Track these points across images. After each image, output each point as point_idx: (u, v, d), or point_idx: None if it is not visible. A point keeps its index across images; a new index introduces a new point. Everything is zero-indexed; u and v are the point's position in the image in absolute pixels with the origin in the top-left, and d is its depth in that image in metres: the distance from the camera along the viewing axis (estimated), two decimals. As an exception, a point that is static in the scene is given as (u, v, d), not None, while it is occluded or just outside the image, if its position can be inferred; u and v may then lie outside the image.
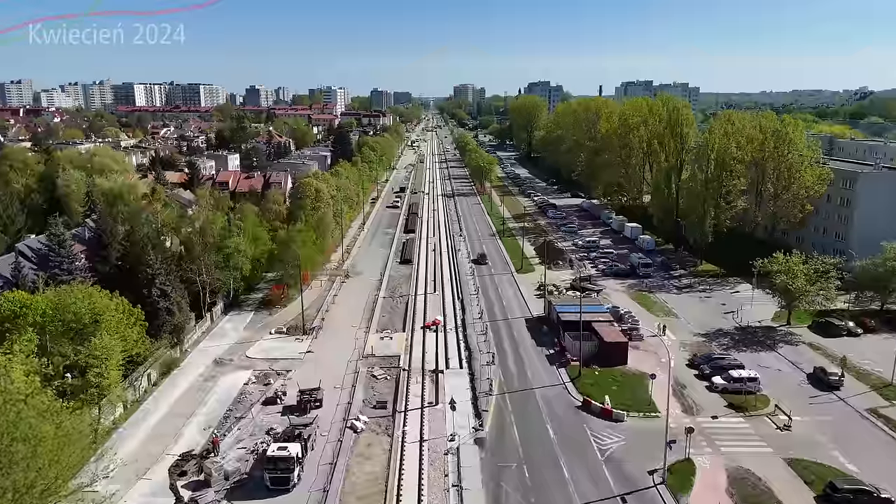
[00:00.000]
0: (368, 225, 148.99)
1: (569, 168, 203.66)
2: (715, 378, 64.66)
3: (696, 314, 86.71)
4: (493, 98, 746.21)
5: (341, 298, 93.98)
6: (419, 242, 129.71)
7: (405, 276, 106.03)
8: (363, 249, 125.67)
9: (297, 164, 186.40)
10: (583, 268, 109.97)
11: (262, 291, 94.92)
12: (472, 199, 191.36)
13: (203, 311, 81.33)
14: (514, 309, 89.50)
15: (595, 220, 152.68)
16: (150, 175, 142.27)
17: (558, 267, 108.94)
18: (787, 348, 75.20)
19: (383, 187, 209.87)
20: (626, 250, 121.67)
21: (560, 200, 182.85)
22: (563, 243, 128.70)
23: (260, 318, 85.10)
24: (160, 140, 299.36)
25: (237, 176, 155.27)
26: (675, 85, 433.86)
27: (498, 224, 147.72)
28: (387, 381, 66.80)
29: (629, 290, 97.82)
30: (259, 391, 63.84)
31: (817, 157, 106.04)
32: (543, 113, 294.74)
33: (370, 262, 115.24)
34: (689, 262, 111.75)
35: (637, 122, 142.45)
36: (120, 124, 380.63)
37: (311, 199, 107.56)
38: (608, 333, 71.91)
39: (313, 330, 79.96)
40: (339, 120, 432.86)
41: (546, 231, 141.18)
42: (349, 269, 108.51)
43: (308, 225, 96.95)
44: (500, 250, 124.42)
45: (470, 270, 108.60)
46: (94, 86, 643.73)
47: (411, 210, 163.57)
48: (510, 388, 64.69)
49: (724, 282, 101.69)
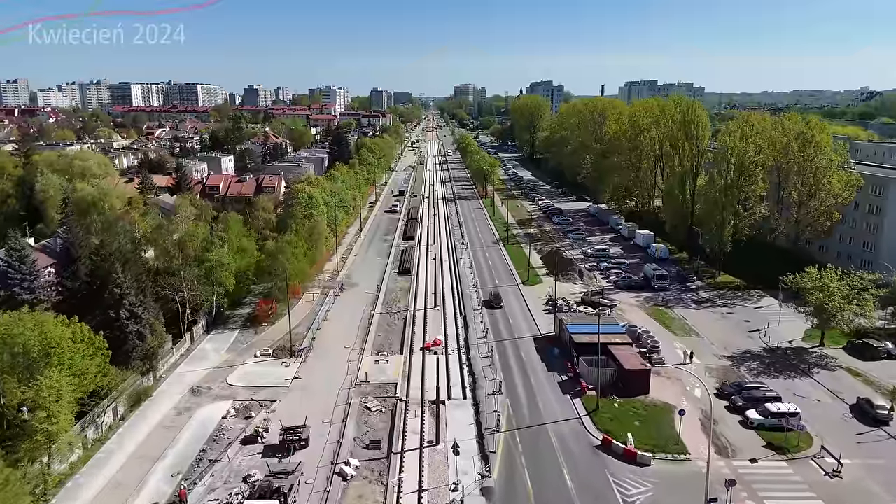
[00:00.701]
0: (366, 231, 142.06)
1: (574, 170, 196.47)
2: (749, 412, 57.71)
3: (718, 333, 79.78)
4: (493, 98, 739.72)
5: (334, 314, 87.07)
6: (419, 251, 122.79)
7: (404, 288, 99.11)
8: (359, 258, 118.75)
9: (293, 166, 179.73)
10: (594, 279, 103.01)
11: (249, 306, 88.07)
12: (473, 202, 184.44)
13: (182, 331, 74.49)
14: (521, 327, 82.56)
15: (603, 226, 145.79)
16: (137, 179, 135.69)
17: (567, 278, 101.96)
18: (823, 374, 68.25)
19: (382, 190, 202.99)
20: (638, 260, 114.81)
21: (565, 204, 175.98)
22: (571, 252, 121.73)
23: (245, 338, 78.16)
24: (154, 141, 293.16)
25: (228, 179, 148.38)
26: (679, 85, 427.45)
27: (501, 230, 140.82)
28: (382, 413, 59.87)
29: (644, 304, 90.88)
30: (238, 427, 56.89)
31: (845, 162, 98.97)
32: (546, 113, 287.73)
33: (366, 272, 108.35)
34: (706, 273, 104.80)
35: (647, 123, 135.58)
36: (115, 125, 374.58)
37: (304, 207, 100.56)
38: (627, 359, 64.95)
39: (302, 352, 73.01)
40: (337, 120, 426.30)
41: (552, 238, 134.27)
42: (343, 281, 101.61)
43: (298, 235, 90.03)
44: (504, 260, 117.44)
45: (473, 283, 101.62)
46: (91, 85, 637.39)
47: (410, 215, 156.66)
48: (520, 424, 57.73)
49: (745, 295, 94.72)
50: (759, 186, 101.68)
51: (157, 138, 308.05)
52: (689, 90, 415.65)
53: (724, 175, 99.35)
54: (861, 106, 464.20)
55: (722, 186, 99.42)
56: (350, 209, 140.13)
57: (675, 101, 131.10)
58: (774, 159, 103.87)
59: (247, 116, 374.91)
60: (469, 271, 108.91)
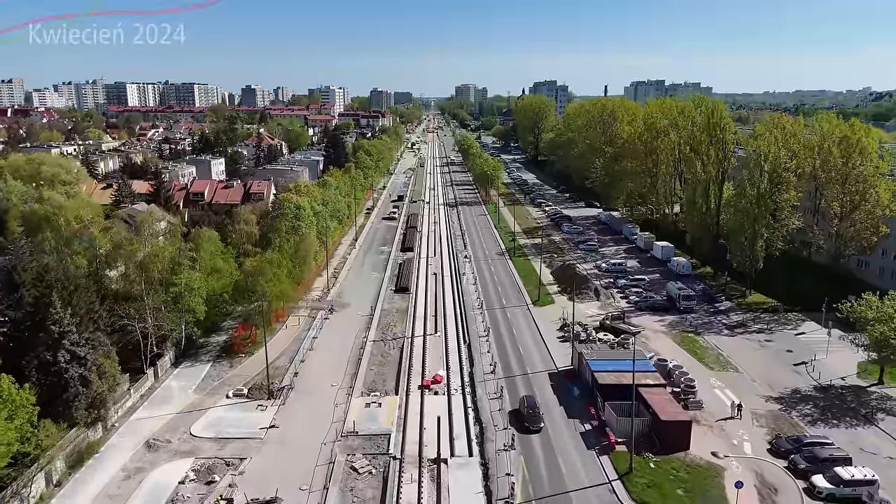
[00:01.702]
0: (361, 241, 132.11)
1: (582, 174, 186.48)
2: (816, 478, 47.75)
3: (759, 366, 69.86)
4: (495, 98, 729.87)
5: (322, 342, 77.16)
6: (418, 264, 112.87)
7: (401, 309, 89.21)
8: (353, 273, 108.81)
9: (285, 170, 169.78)
10: (611, 299, 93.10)
11: (226, 332, 78.28)
12: (476, 208, 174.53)
13: (144, 366, 64.68)
14: (533, 358, 72.63)
15: (616, 236, 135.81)
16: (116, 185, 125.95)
17: (582, 298, 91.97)
18: (889, 421, 58.32)
19: (380, 195, 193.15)
20: (657, 275, 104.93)
21: (574, 211, 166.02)
22: (584, 266, 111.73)
23: (218, 372, 68.24)
24: (146, 143, 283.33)
25: (214, 185, 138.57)
26: (686, 85, 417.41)
27: (507, 240, 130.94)
28: (371, 476, 49.94)
29: (671, 330, 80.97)
30: (197, 496, 47.01)
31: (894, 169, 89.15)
32: (551, 114, 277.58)
33: (360, 289, 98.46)
34: (734, 291, 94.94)
35: (665, 125, 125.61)
36: (108, 125, 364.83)
37: (290, 219, 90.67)
38: (663, 406, 55.04)
39: (281, 391, 63.15)
40: (336, 121, 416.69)
41: (563, 250, 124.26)
42: (334, 301, 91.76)
43: (282, 252, 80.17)
44: (511, 275, 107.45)
45: (478, 303, 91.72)
46: (86, 85, 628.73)
47: (409, 223, 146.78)
48: (538, 492, 47.80)
49: (782, 318, 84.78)
50: (792, 196, 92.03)
51: (149, 140, 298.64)
52: (696, 90, 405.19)
53: (757, 183, 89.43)
54: (872, 107, 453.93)
55: (754, 196, 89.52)
56: (344, 218, 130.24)
57: (695, 102, 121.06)
58: (811, 166, 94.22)
59: (242, 117, 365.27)
60: (473, 288, 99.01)
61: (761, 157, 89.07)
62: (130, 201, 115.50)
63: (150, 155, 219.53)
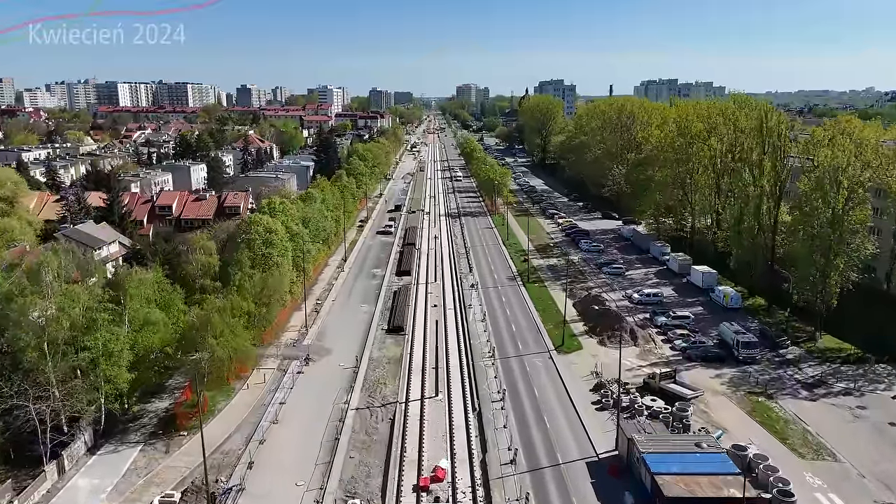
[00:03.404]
0: (351, 262, 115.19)
1: (597, 181, 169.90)
2: None
3: (861, 450, 53.03)
4: (497, 98, 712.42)
5: (291, 409, 60.35)
6: (415, 293, 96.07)
7: (393, 359, 72.39)
8: (339, 304, 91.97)
9: (269, 178, 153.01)
10: (652, 343, 76.30)
11: (170, 396, 61.67)
12: (481, 220, 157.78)
13: (45, 459, 48.02)
14: (564, 436, 55.82)
15: (642, 255, 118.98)
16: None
17: (615, 340, 75.13)
18: None
19: (376, 204, 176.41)
20: (699, 307, 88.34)
21: (589, 223, 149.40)
22: (611, 295, 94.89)
23: (148, 461, 51.48)
24: (129, 145, 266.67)
25: (184, 198, 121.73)
26: (697, 84, 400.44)
27: (518, 261, 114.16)
28: None
29: (734, 391, 64.04)
30: None
31: None
32: (560, 115, 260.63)
33: (345, 328, 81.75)
34: (800, 332, 78.19)
35: (700, 129, 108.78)
36: (93, 126, 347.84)
37: (259, 245, 73.90)
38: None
39: (227, 497, 46.46)
40: (332, 122, 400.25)
41: (583, 273, 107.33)
42: (312, 345, 75.08)
43: (243, 292, 63.36)
44: (526, 308, 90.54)
45: (489, 351, 74.83)
46: (78, 85, 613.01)
47: (407, 238, 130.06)
48: None
49: (870, 372, 67.96)
50: (867, 215, 75.56)
51: (133, 141, 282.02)
52: (707, 90, 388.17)
53: (832, 203, 72.69)
54: (888, 107, 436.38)
55: (829, 218, 72.82)
56: (332, 235, 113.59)
57: (738, 103, 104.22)
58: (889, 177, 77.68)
59: (233, 118, 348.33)
60: (482, 326, 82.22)
61: (839, 170, 72.32)
62: (81, 218, 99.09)
63: (127, 160, 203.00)
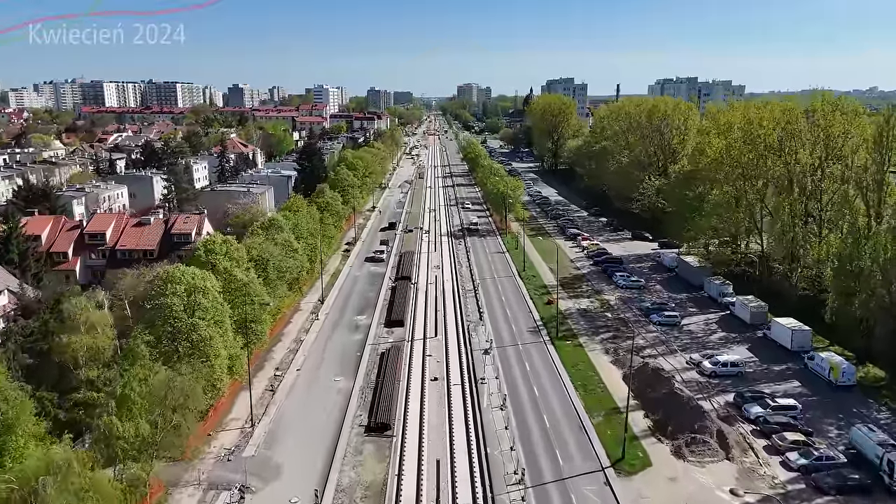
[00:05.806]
0: (329, 305, 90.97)
1: (622, 194, 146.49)
2: None
3: None
4: (499, 98, 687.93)
5: None
6: (409, 357, 72.05)
7: (374, 487, 48.28)
8: (304, 377, 67.75)
9: (239, 192, 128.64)
10: (753, 457, 52.25)
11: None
12: (490, 241, 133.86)
13: None
14: None
15: (691, 290, 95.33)
16: None
17: (698, 455, 51.25)
18: None
19: (368, 219, 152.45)
20: (792, 380, 64.65)
21: (618, 245, 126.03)
22: (670, 359, 71.03)
23: None
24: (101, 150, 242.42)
25: (122, 222, 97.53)
26: (715, 83, 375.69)
27: (541, 304, 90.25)
28: None
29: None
30: None
31: None
32: (573, 116, 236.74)
33: (308, 423, 57.66)
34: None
35: (773, 139, 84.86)
36: (67, 128, 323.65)
37: (179, 312, 49.85)
38: None
39: None
40: (327, 123, 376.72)
41: (625, 321, 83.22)
42: (256, 458, 51.05)
43: (125, 406, 39.30)
44: (559, 383, 66.22)
45: (515, 472, 50.59)
46: (65, 84, 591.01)
47: (402, 269, 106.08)
48: None
49: None
50: None
51: (111, 144, 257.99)
52: (726, 90, 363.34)
53: None
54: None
55: None
56: (305, 273, 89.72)
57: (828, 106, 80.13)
58: None
59: (219, 119, 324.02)
60: (502, 422, 57.98)
61: None
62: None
63: (88, 169, 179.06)
